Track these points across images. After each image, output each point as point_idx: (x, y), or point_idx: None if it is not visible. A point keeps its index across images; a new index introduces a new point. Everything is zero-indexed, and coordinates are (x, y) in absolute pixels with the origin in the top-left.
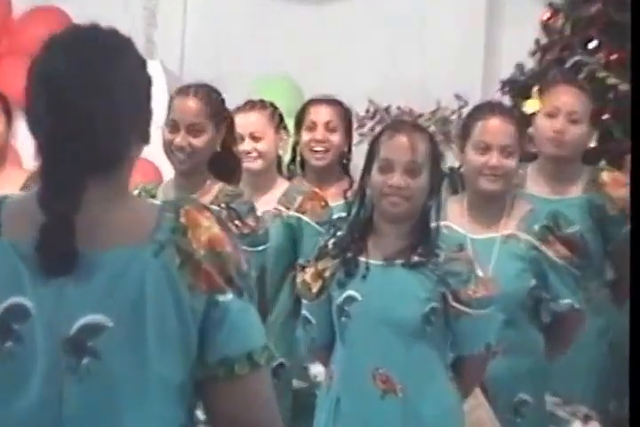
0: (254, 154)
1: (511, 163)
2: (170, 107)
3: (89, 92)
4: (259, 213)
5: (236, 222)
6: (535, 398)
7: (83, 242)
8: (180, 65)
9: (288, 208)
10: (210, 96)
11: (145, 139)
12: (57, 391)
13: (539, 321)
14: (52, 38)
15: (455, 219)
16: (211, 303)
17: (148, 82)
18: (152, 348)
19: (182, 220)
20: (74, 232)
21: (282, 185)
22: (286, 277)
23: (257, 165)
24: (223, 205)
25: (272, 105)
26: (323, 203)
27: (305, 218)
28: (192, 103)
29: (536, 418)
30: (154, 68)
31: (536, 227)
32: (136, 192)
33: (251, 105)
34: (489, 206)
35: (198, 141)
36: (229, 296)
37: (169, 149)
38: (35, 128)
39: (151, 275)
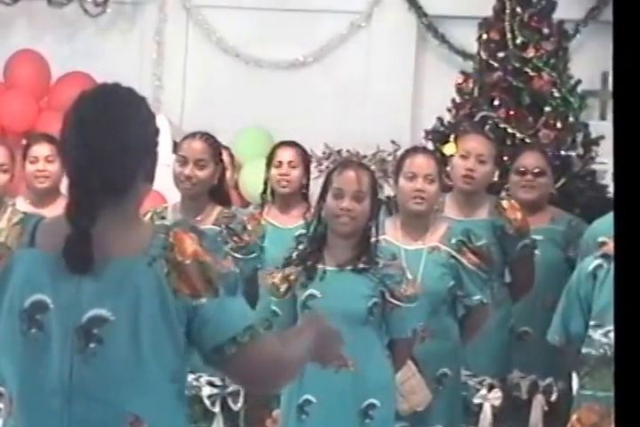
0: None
1: (433, 188)
2: (179, 147)
3: (107, 135)
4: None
5: (235, 239)
6: (453, 371)
7: (96, 251)
8: (180, 118)
9: None
10: (211, 140)
11: (150, 178)
12: (69, 367)
13: (455, 313)
14: (84, 93)
15: (391, 234)
16: (190, 308)
17: (155, 132)
18: (145, 338)
19: (171, 239)
20: (91, 242)
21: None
22: None
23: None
24: (223, 226)
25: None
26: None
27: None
28: (198, 144)
29: (454, 387)
30: (160, 121)
31: (453, 241)
32: (149, 215)
33: None
34: (416, 224)
35: (202, 173)
36: (203, 300)
37: (178, 179)
38: (65, 161)
39: (145, 281)
